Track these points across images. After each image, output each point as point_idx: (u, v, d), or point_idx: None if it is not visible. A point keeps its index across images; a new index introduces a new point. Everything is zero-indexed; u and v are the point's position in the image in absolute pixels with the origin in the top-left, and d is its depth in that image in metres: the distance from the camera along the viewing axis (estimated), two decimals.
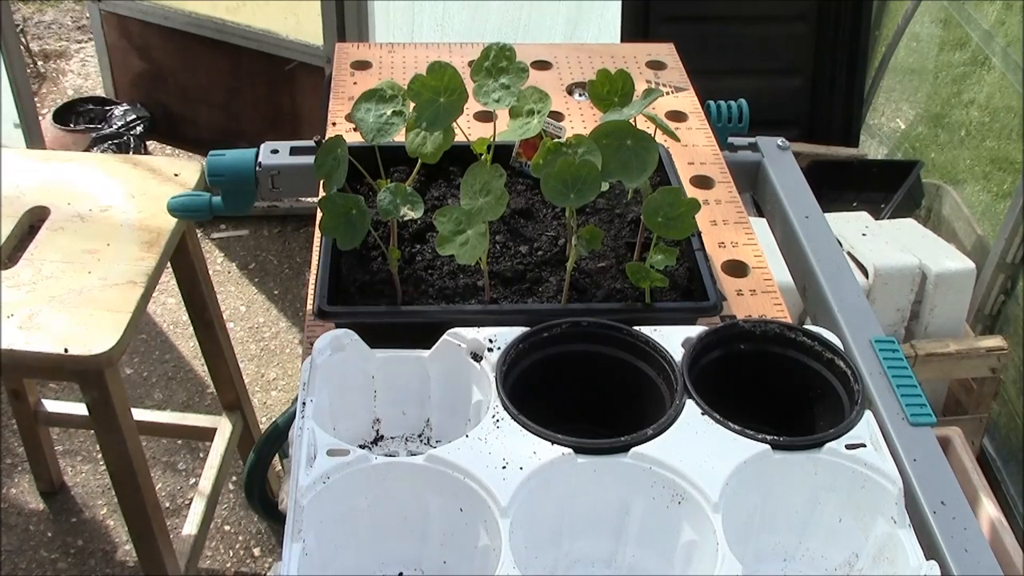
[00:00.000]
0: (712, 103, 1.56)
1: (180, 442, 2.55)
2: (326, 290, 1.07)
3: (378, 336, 1.03)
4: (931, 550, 0.95)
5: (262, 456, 1.17)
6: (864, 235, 2.34)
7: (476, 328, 1.03)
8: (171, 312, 2.96)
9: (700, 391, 0.98)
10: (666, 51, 1.74)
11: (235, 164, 1.36)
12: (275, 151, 1.40)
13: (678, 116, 1.57)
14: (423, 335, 1.03)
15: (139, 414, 2.08)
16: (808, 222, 1.38)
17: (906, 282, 2.25)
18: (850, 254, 2.27)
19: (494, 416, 0.95)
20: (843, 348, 1.05)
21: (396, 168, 1.26)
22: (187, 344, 2.85)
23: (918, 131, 3.34)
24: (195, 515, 2.05)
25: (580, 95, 1.61)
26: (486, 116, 1.49)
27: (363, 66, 1.65)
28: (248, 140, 1.74)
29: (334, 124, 1.50)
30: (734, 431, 0.94)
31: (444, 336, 1.02)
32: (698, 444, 0.93)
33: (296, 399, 0.98)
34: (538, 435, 0.93)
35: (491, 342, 1.02)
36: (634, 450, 0.92)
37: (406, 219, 1.11)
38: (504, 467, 0.90)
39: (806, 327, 1.06)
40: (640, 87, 1.37)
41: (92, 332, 1.49)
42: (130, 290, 1.57)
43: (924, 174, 2.84)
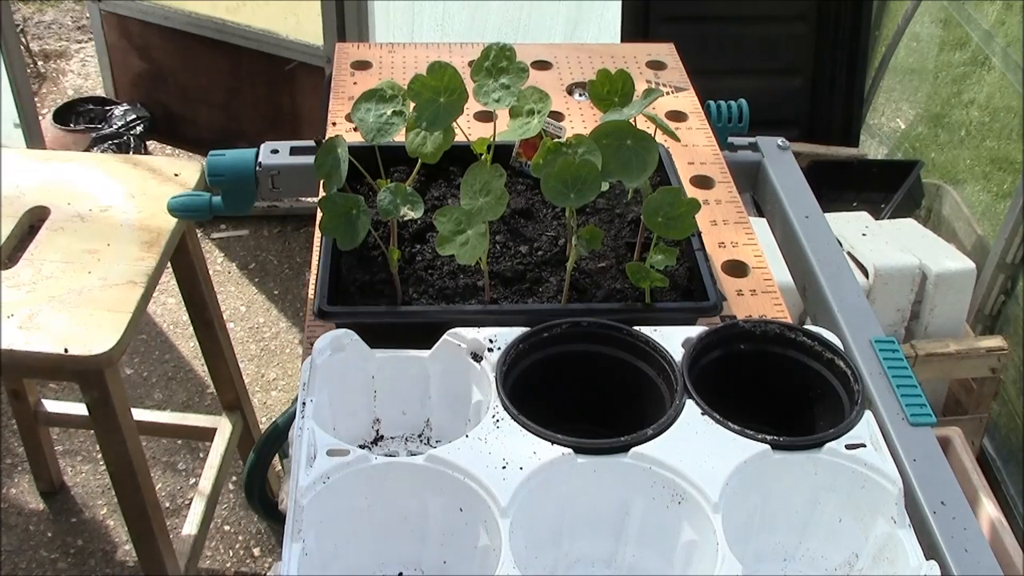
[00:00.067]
0: (712, 103, 1.56)
1: (180, 442, 2.55)
2: (326, 290, 1.07)
3: (378, 336, 1.03)
4: (931, 550, 0.95)
5: (262, 456, 1.17)
6: (864, 235, 2.34)
7: (476, 328, 1.03)
8: (171, 312, 2.95)
9: (700, 391, 0.98)
10: (666, 51, 1.74)
11: (235, 164, 1.36)
12: (275, 151, 1.40)
13: (678, 116, 1.57)
14: (423, 335, 1.03)
15: (139, 414, 2.08)
16: (808, 222, 1.38)
17: (906, 282, 2.25)
18: (850, 254, 2.27)
19: (494, 416, 0.95)
20: (843, 348, 1.05)
21: (396, 168, 1.26)
22: (187, 344, 2.85)
23: (918, 131, 3.34)
24: (195, 515, 2.05)
25: (580, 95, 1.61)
26: (486, 116, 1.49)
27: (363, 66, 1.65)
28: (248, 140, 1.74)
29: (334, 124, 1.50)
30: (734, 431, 0.94)
31: (444, 336, 1.02)
32: (698, 444, 0.93)
33: (296, 399, 0.98)
34: (538, 435, 0.93)
35: (491, 342, 1.02)
36: (634, 450, 0.92)
37: (406, 219, 1.11)
38: (504, 467, 0.90)
39: (806, 327, 1.06)
40: (640, 87, 1.37)
41: (92, 332, 1.49)
42: (130, 290, 1.57)
43: (924, 174, 2.83)
